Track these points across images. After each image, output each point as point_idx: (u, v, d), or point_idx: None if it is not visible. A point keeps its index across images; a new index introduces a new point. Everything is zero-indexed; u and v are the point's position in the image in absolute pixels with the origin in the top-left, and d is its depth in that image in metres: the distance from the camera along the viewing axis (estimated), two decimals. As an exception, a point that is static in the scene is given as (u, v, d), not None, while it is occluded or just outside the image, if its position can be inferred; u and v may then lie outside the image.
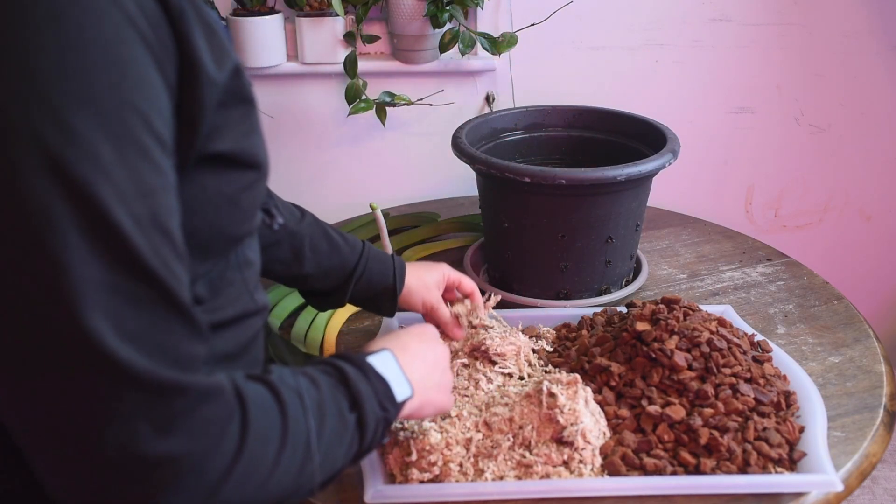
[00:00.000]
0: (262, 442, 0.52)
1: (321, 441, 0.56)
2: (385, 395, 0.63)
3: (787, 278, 1.20)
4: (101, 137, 0.43)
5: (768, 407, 0.82)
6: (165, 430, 0.46)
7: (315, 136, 1.53)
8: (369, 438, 0.61)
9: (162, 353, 0.46)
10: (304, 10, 1.39)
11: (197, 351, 0.49)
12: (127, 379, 0.44)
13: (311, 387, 0.58)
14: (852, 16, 1.58)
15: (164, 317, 0.46)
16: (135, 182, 0.45)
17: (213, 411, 0.49)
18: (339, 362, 0.63)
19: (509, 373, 0.90)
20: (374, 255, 0.92)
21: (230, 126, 0.54)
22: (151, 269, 0.45)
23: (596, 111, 1.28)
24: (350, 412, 0.60)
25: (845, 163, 1.73)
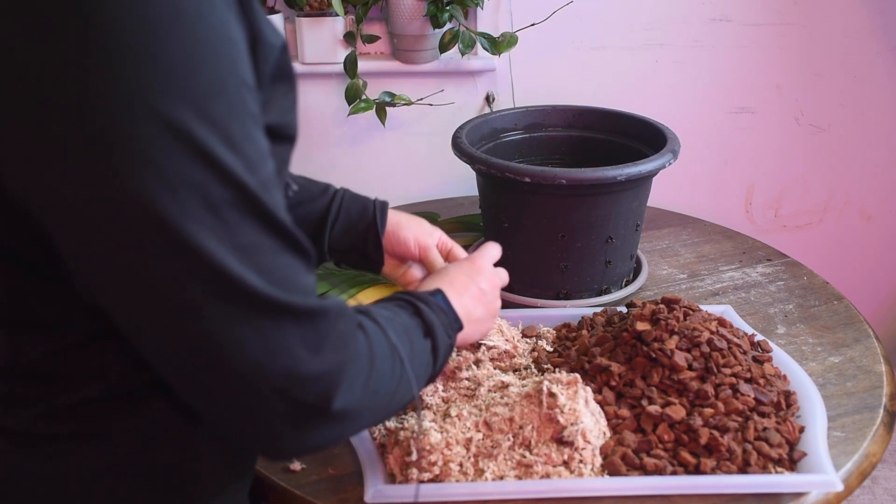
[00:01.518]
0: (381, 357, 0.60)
1: (413, 361, 0.64)
2: (449, 326, 0.72)
3: (787, 278, 1.20)
4: (231, 119, 0.48)
5: (768, 407, 0.82)
6: (317, 349, 0.53)
7: (315, 136, 1.53)
8: (440, 362, 0.70)
9: (301, 289, 0.53)
10: (304, 10, 1.39)
11: (314, 281, 0.56)
12: (284, 316, 0.51)
13: (395, 318, 0.66)
14: (852, 16, 1.58)
15: (295, 261, 0.53)
16: (257, 150, 0.50)
17: (347, 325, 0.57)
18: (409, 297, 0.71)
19: (493, 346, 0.91)
20: (348, 195, 0.92)
21: (276, 100, 0.57)
22: (280, 223, 0.51)
23: (596, 111, 1.28)
24: (425, 338, 0.68)
25: (845, 163, 1.73)
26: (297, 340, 0.52)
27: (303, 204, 0.90)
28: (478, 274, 0.82)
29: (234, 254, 0.48)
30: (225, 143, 0.47)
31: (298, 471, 0.80)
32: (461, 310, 0.76)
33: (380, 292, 1.13)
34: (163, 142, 0.45)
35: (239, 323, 0.49)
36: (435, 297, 0.73)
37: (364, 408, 0.58)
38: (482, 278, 0.82)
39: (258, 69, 0.53)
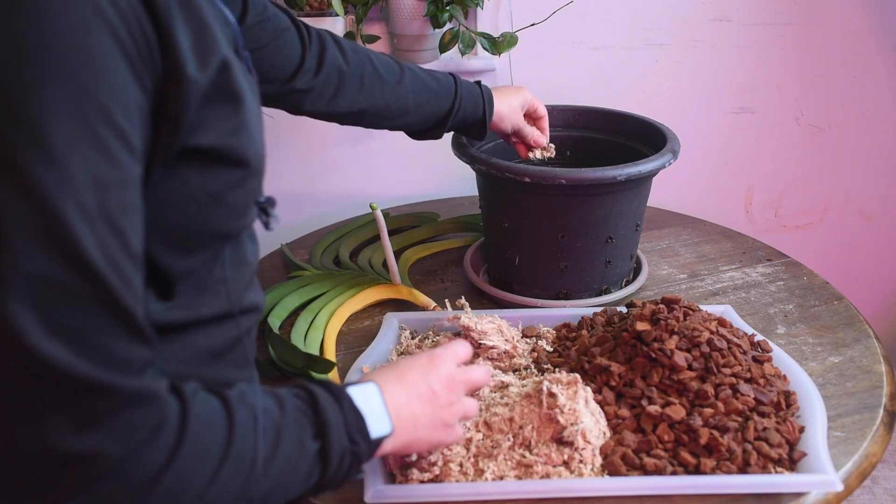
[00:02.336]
0: (198, 457, 0.50)
1: (270, 465, 0.54)
2: (356, 428, 0.61)
3: (787, 278, 1.20)
4: (53, 123, 0.43)
5: (768, 407, 0.82)
6: (83, 427, 0.45)
7: (315, 136, 1.53)
8: (333, 470, 0.59)
9: (91, 352, 0.45)
10: (304, 10, 1.39)
11: (134, 353, 0.48)
12: (46, 373, 0.43)
13: (276, 408, 0.57)
14: (852, 16, 1.58)
15: (99, 315, 0.45)
16: (85, 173, 0.44)
17: (141, 417, 0.47)
18: (314, 387, 0.61)
19: (493, 346, 0.91)
20: (466, 94, 1.04)
21: (214, 122, 0.53)
22: (93, 265, 0.44)
23: (596, 111, 1.28)
24: (314, 440, 0.58)
25: (845, 163, 1.73)
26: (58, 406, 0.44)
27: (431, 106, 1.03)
28: (432, 373, 0.69)
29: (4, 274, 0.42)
30: (34, 147, 0.42)
31: (298, 471, 0.80)
32: (405, 412, 0.65)
33: (379, 293, 1.13)
34: None
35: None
36: (357, 391, 0.63)
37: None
38: (436, 378, 0.69)
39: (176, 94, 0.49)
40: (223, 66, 0.53)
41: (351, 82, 0.96)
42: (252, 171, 0.58)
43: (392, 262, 1.14)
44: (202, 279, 0.60)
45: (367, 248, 1.28)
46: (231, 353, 0.64)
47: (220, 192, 0.56)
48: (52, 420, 0.44)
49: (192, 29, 0.51)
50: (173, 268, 0.56)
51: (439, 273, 1.24)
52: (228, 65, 0.54)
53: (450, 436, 0.71)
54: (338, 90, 0.96)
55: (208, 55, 0.52)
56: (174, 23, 0.49)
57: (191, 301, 0.59)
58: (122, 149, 0.46)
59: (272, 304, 1.10)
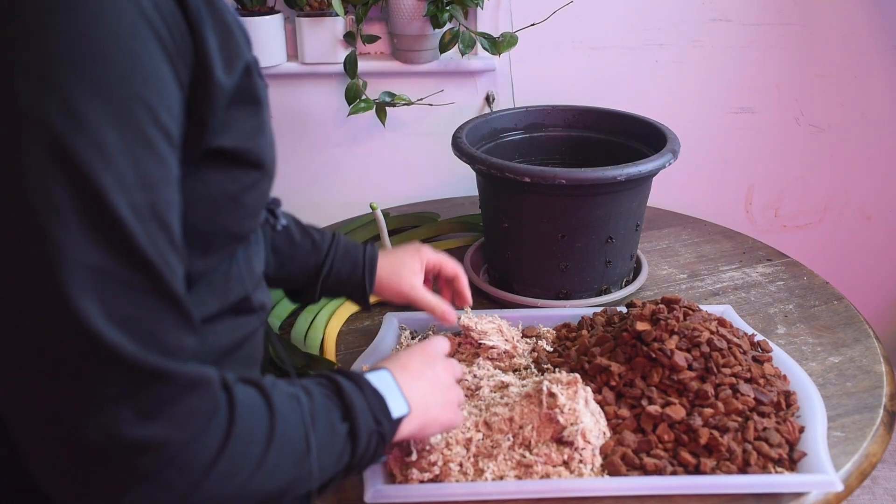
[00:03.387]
0: (246, 441, 0.52)
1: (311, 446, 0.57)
2: (380, 410, 0.63)
3: (787, 278, 1.20)
4: (107, 126, 0.44)
5: (768, 407, 0.82)
6: (148, 415, 0.46)
7: (315, 136, 1.53)
8: (361, 450, 0.61)
9: (150, 340, 0.47)
10: (304, 10, 1.39)
11: (186, 341, 0.49)
12: (112, 362, 0.45)
13: (304, 395, 0.59)
14: (852, 16, 1.58)
15: (155, 305, 0.47)
16: (137, 172, 0.46)
17: (198, 402, 0.49)
18: (334, 375, 0.63)
19: (493, 346, 0.91)
20: (341, 254, 0.91)
21: (237, 124, 0.55)
22: (146, 257, 0.46)
23: (596, 111, 1.28)
24: (342, 422, 0.60)
25: (845, 163, 1.73)
26: (122, 397, 0.45)
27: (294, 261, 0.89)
28: (433, 360, 0.74)
29: (68, 268, 0.43)
30: (90, 145, 0.44)
31: (298, 471, 0.80)
32: (416, 395, 0.68)
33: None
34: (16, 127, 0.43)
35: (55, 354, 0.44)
36: (373, 377, 0.66)
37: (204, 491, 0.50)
38: (438, 365, 0.73)
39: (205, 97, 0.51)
40: (246, 69, 0.55)
41: None
42: (266, 172, 0.60)
43: (392, 262, 1.14)
44: (214, 278, 0.61)
45: (367, 248, 1.28)
46: (239, 351, 0.65)
47: (238, 194, 0.57)
48: (118, 409, 0.45)
49: (219, 34, 0.52)
50: (189, 268, 0.56)
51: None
52: (251, 69, 0.55)
53: (457, 416, 0.74)
54: None
55: (234, 59, 0.53)
56: (205, 27, 0.50)
57: (204, 298, 0.60)
58: (168, 148, 0.49)
59: (272, 304, 1.10)
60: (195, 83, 0.51)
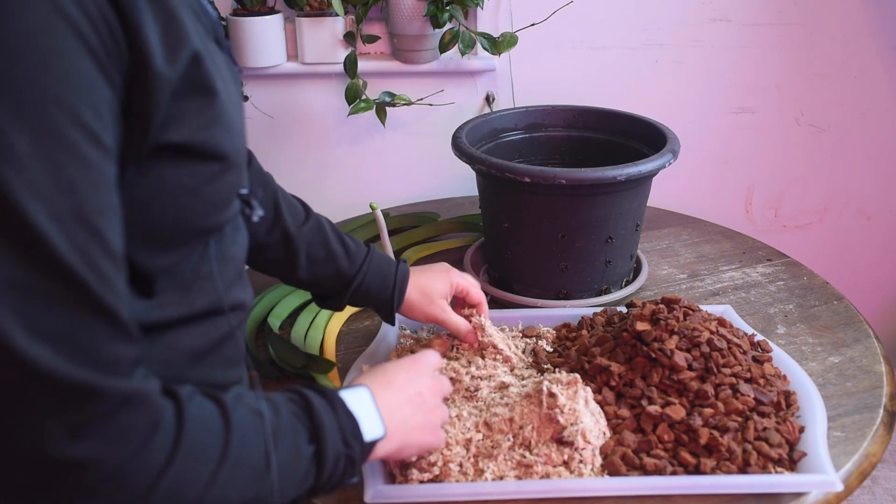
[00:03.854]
0: (196, 459, 0.50)
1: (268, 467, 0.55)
2: (351, 432, 0.61)
3: (787, 278, 1.20)
4: (17, 129, 0.42)
5: (768, 407, 0.82)
6: (78, 433, 0.44)
7: (315, 136, 1.53)
8: (328, 473, 0.59)
9: (79, 354, 0.44)
10: (304, 10, 1.39)
11: (121, 353, 0.47)
12: (35, 378, 0.43)
13: (270, 412, 0.57)
14: (852, 16, 1.58)
15: (83, 317, 0.45)
16: (55, 177, 0.43)
17: (135, 418, 0.47)
18: (307, 392, 0.61)
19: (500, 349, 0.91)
20: (374, 268, 0.89)
21: (186, 117, 0.52)
22: (69, 268, 0.44)
23: (596, 111, 1.28)
24: (308, 444, 0.58)
25: (845, 163, 1.73)
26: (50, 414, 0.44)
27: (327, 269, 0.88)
28: (420, 377, 0.72)
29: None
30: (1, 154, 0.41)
31: (298, 471, 0.80)
32: (396, 415, 0.67)
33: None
34: None
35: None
36: (351, 395, 0.64)
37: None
38: (423, 382, 0.72)
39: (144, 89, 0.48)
40: (194, 59, 0.52)
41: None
42: (230, 164, 0.57)
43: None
44: (185, 276, 0.59)
45: (367, 248, 1.28)
46: (216, 352, 0.63)
47: (197, 187, 0.55)
48: (46, 426, 0.44)
49: (161, 22, 0.50)
50: (152, 266, 0.55)
51: (439, 273, 1.24)
52: (200, 58, 0.53)
53: (437, 439, 0.73)
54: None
55: (177, 48, 0.51)
56: (141, 16, 0.48)
57: (173, 299, 0.58)
58: (94, 149, 0.46)
59: (272, 304, 1.10)
60: (132, 75, 0.48)
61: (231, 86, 0.60)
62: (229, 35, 1.38)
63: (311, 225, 0.88)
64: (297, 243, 0.86)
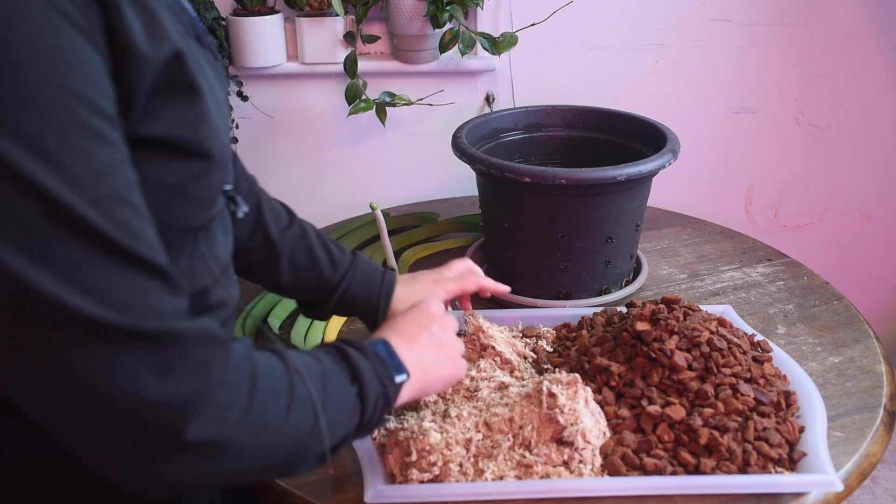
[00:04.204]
0: (271, 394, 0.55)
1: (326, 405, 0.59)
2: (384, 373, 0.66)
3: (787, 278, 1.20)
4: (44, 129, 0.44)
5: (768, 407, 0.82)
6: (165, 374, 0.49)
7: (315, 136, 1.53)
8: (370, 411, 0.64)
9: (148, 312, 0.49)
10: (304, 10, 1.39)
11: (179, 304, 0.51)
12: (119, 338, 0.47)
13: (314, 361, 0.62)
14: (852, 16, 1.58)
15: (142, 280, 0.49)
16: (90, 165, 0.46)
17: (211, 353, 0.51)
18: (339, 343, 0.67)
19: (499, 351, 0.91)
20: (359, 276, 0.89)
21: (166, 112, 0.53)
22: (119, 243, 0.47)
23: (596, 111, 1.28)
24: (351, 384, 0.63)
25: (845, 163, 1.73)
26: (138, 364, 0.48)
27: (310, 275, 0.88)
28: (429, 320, 0.76)
29: (47, 271, 0.45)
30: (33, 154, 0.44)
31: (298, 471, 0.80)
32: (412, 359, 0.71)
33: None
34: None
35: (64, 344, 0.46)
36: (374, 345, 0.68)
37: (239, 444, 0.52)
38: (434, 324, 0.75)
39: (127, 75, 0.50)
40: (175, 55, 0.53)
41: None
42: (215, 162, 0.58)
43: (392, 263, 1.14)
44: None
45: (367, 248, 1.28)
46: None
47: (181, 185, 0.56)
48: (138, 375, 0.48)
49: (142, 17, 0.51)
50: None
51: (439, 273, 1.24)
52: (181, 55, 0.54)
53: (460, 369, 0.77)
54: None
55: (160, 40, 0.52)
56: (120, 6, 0.49)
57: None
58: (113, 130, 0.49)
59: (272, 304, 1.10)
60: (115, 63, 0.50)
61: (214, 84, 0.60)
62: (229, 35, 1.38)
63: (295, 230, 0.88)
64: (279, 248, 0.86)
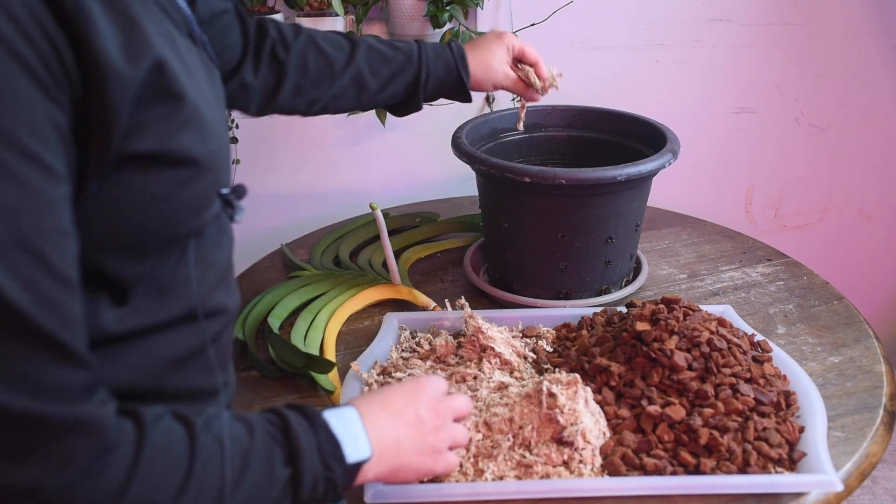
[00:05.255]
0: (154, 485, 0.50)
1: (236, 493, 0.54)
2: (331, 454, 0.60)
3: (787, 278, 1.20)
4: None
5: (768, 407, 0.82)
6: (19, 458, 0.45)
7: (315, 136, 1.53)
8: (306, 496, 0.58)
9: (21, 384, 0.44)
10: (304, 10, 1.39)
11: (67, 379, 0.47)
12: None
13: (245, 434, 0.56)
14: (852, 16, 1.58)
15: (24, 346, 0.44)
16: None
17: (80, 443, 0.47)
18: (287, 412, 0.60)
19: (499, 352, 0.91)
20: (432, 59, 0.98)
21: (152, 124, 0.51)
22: (6, 296, 0.43)
23: (596, 111, 1.28)
24: (284, 466, 0.57)
25: (845, 163, 1.73)
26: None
27: (394, 78, 0.97)
28: (417, 397, 0.68)
29: None
30: None
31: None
32: (386, 435, 0.64)
33: (379, 293, 1.13)
34: None
35: None
36: (336, 416, 0.62)
37: None
38: (422, 403, 0.68)
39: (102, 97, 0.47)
40: (157, 66, 0.50)
41: (294, 73, 0.91)
42: (202, 167, 0.55)
43: (392, 262, 1.14)
44: (163, 282, 0.57)
45: (367, 248, 1.28)
46: (196, 359, 0.61)
47: (166, 194, 0.53)
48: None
49: (120, 30, 0.49)
50: (125, 274, 0.54)
51: (439, 273, 1.24)
52: (164, 64, 0.51)
53: (439, 463, 0.69)
54: (280, 83, 0.91)
55: (138, 56, 0.49)
56: (89, 25, 0.46)
57: (150, 305, 0.57)
58: (34, 171, 0.44)
59: (272, 304, 1.10)
60: (87, 86, 0.47)
61: (205, 84, 0.58)
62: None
63: (362, 49, 0.95)
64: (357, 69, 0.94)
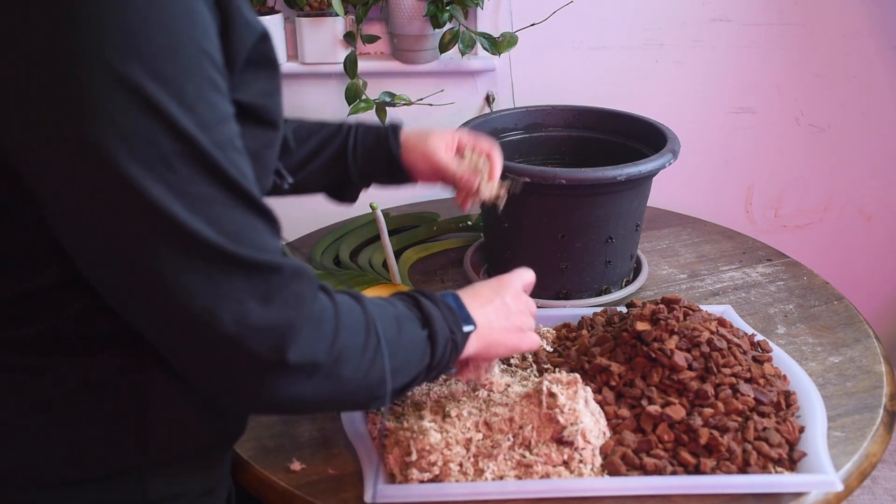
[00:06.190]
0: (351, 328, 0.61)
1: (399, 345, 0.65)
2: (453, 321, 0.71)
3: (787, 278, 1.20)
4: (184, 79, 0.51)
5: (768, 407, 0.82)
6: (268, 301, 0.55)
7: (315, 136, 1.53)
8: (440, 354, 0.69)
9: (254, 245, 0.55)
10: (304, 10, 1.39)
11: (277, 243, 0.58)
12: (232, 266, 0.54)
13: (388, 305, 0.68)
14: (852, 16, 1.58)
15: (251, 218, 0.56)
16: (214, 112, 0.53)
17: (304, 287, 0.58)
18: (412, 292, 0.72)
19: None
20: (363, 129, 0.99)
21: (254, 83, 0.60)
22: (236, 183, 0.54)
23: (596, 111, 1.28)
24: (422, 328, 0.68)
25: (845, 163, 1.73)
26: (246, 291, 0.54)
27: (323, 149, 0.97)
28: (504, 289, 0.79)
29: (181, 201, 0.51)
30: (176, 100, 0.51)
31: (298, 471, 0.80)
32: (480, 316, 0.75)
33: (379, 293, 1.13)
34: (117, 95, 0.49)
35: (186, 268, 0.52)
36: (445, 296, 0.73)
37: (328, 370, 0.59)
38: (508, 293, 0.79)
39: (230, 47, 0.56)
40: (265, 35, 0.61)
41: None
42: (279, 134, 0.66)
43: (392, 262, 1.14)
44: None
45: (367, 248, 1.28)
46: None
47: (259, 151, 0.62)
48: (246, 301, 0.54)
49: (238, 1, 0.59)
50: None
51: (439, 273, 1.24)
52: (267, 36, 0.61)
53: (524, 340, 0.80)
54: None
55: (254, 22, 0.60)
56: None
57: None
58: (226, 86, 0.56)
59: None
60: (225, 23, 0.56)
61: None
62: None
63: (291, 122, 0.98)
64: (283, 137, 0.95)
